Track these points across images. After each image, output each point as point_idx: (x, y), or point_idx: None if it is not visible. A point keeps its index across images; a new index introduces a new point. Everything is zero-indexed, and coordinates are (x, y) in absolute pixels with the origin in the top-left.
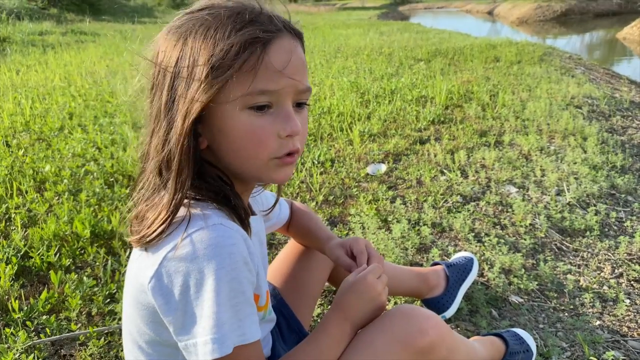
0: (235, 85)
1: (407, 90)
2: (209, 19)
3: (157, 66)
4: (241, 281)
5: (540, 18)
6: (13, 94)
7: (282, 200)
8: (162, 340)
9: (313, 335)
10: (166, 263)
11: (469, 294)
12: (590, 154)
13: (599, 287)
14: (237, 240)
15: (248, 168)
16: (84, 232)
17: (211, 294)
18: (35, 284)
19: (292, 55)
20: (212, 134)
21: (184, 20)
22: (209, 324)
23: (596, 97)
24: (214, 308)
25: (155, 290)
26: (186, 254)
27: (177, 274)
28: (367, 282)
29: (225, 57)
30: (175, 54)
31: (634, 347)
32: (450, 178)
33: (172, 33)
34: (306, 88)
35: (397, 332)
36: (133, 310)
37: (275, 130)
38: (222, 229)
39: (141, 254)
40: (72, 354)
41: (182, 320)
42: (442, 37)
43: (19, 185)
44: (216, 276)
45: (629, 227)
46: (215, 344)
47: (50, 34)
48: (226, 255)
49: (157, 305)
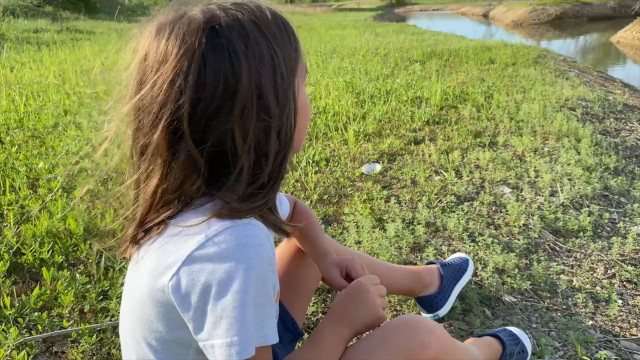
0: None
1: (403, 90)
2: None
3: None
4: (266, 282)
5: (535, 21)
6: (7, 90)
7: (283, 197)
8: (173, 338)
9: (309, 340)
10: (191, 261)
11: (463, 293)
12: (584, 156)
13: (592, 287)
14: (264, 240)
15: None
16: (77, 229)
17: (238, 294)
18: (27, 281)
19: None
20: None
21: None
22: (232, 326)
23: (590, 100)
24: (240, 309)
25: (176, 289)
26: (214, 253)
27: (202, 272)
28: (360, 285)
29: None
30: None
31: (626, 347)
32: (444, 178)
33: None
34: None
35: (400, 345)
36: (145, 307)
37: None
38: (250, 229)
39: (159, 250)
40: (64, 350)
41: (201, 319)
42: (437, 39)
43: (12, 182)
44: (244, 277)
45: (621, 228)
46: (238, 346)
47: (45, 31)
48: (254, 255)
49: (177, 304)
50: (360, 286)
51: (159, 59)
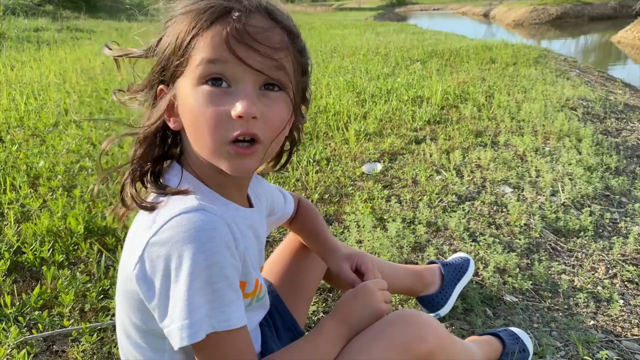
0: (194, 59)
1: (403, 90)
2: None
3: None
4: (223, 266)
5: (536, 21)
6: (7, 89)
7: (287, 194)
8: (148, 329)
9: (309, 334)
10: (149, 248)
11: (464, 292)
12: (585, 156)
13: (593, 287)
14: (218, 225)
15: (205, 153)
16: (77, 228)
17: (187, 278)
18: (27, 280)
19: (257, 34)
20: (181, 115)
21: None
22: (183, 310)
23: (591, 100)
24: (189, 293)
25: (139, 277)
26: (167, 238)
27: (159, 258)
28: (367, 288)
29: (187, 32)
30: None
31: (627, 347)
32: (445, 178)
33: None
34: (264, 72)
35: (396, 338)
36: (122, 299)
37: (227, 109)
38: (204, 214)
39: (130, 241)
40: (65, 349)
41: (164, 305)
42: (438, 39)
43: (13, 181)
44: (193, 260)
45: (622, 228)
46: (189, 330)
47: (45, 30)
48: (206, 239)
49: (141, 292)
50: (367, 289)
51: None
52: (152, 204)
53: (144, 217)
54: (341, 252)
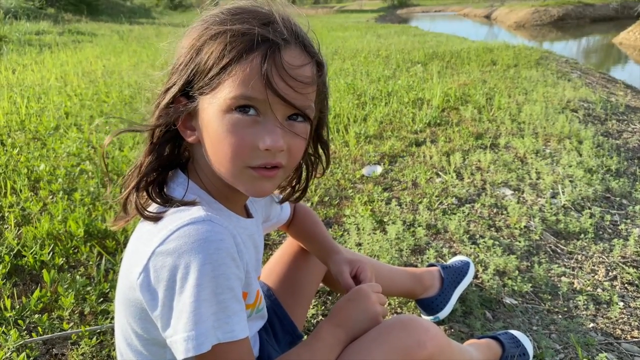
0: (225, 85)
1: (404, 92)
2: (219, 19)
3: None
4: (229, 277)
5: (537, 22)
6: (8, 92)
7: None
8: (150, 338)
9: (307, 341)
10: (154, 258)
11: (463, 295)
12: (586, 158)
13: (593, 289)
14: (225, 236)
15: (223, 172)
16: (77, 231)
17: (194, 289)
18: (27, 283)
19: (293, 69)
20: (200, 131)
21: (203, 19)
22: (190, 320)
23: (592, 101)
24: (196, 304)
25: (143, 286)
26: (174, 248)
27: (164, 268)
28: (362, 290)
29: (219, 58)
30: (186, 49)
31: (627, 350)
32: (445, 180)
33: (192, 30)
34: (296, 106)
35: (395, 344)
36: (123, 307)
37: (254, 140)
38: (211, 225)
39: (133, 250)
40: (64, 353)
41: (167, 315)
42: (439, 41)
43: (13, 184)
44: (200, 271)
45: (623, 230)
46: (195, 341)
47: (47, 33)
48: (213, 250)
49: (145, 301)
50: (361, 293)
51: None
52: (157, 215)
53: (147, 226)
54: (343, 255)
